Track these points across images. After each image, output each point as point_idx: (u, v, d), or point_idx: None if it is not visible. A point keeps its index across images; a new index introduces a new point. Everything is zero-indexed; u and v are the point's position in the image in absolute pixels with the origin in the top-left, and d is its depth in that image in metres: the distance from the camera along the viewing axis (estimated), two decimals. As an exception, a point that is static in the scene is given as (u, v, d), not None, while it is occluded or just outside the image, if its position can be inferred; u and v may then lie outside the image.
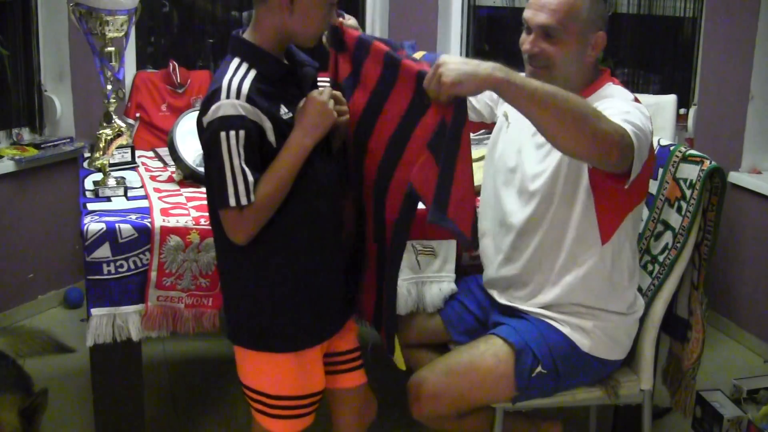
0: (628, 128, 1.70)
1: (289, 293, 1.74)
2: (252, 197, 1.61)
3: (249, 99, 1.61)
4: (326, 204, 1.77)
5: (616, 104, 1.82)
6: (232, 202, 1.61)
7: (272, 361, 1.77)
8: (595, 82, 1.96)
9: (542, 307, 1.99)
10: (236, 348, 1.81)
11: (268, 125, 1.64)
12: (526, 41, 1.91)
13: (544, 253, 1.96)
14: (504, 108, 2.12)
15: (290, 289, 1.74)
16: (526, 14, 1.91)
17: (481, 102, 2.20)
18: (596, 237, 1.91)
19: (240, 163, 1.60)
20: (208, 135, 1.62)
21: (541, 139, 1.77)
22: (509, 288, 2.04)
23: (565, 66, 1.90)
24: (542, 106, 1.61)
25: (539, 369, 1.94)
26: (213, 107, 1.61)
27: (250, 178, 1.61)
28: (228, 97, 1.60)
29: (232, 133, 1.59)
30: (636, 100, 1.92)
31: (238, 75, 1.64)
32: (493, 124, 2.19)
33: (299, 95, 1.72)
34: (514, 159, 2.01)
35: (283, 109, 1.68)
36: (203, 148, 1.67)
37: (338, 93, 1.78)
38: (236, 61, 1.67)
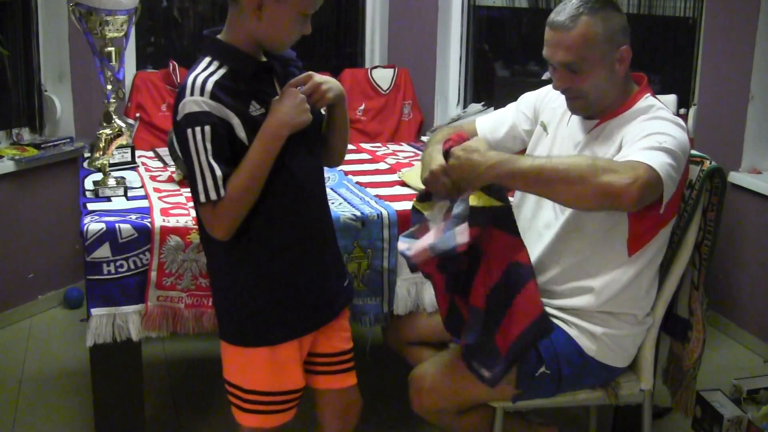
0: (652, 159, 1.72)
1: (267, 289, 1.74)
2: (222, 192, 1.62)
3: (213, 95, 1.61)
4: (304, 200, 1.77)
5: (645, 128, 1.82)
6: (203, 198, 1.62)
7: (248, 356, 1.77)
8: (633, 95, 1.95)
9: (553, 308, 1.99)
10: (220, 341, 1.82)
11: (236, 121, 1.63)
12: (554, 78, 1.93)
13: (570, 265, 1.96)
14: (542, 118, 2.12)
15: (268, 285, 1.74)
16: (545, 53, 1.91)
17: (520, 127, 2.17)
18: (623, 249, 1.91)
19: (207, 158, 1.60)
20: (178, 134, 1.64)
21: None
22: None
23: (598, 91, 1.90)
24: (537, 183, 1.75)
25: (542, 369, 1.94)
26: (179, 106, 1.62)
27: (218, 173, 1.61)
28: (192, 94, 1.61)
29: (198, 129, 1.59)
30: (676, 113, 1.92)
31: (204, 73, 1.63)
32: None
33: (275, 92, 1.71)
34: None
35: (254, 106, 1.67)
36: (178, 146, 1.68)
37: (317, 84, 1.74)
38: (207, 59, 1.67)
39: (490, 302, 1.83)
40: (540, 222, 2.02)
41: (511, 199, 2.08)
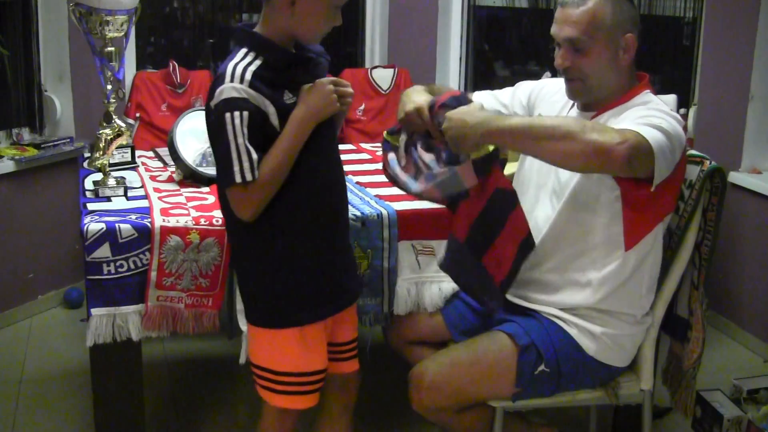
0: (644, 130, 1.72)
1: (293, 271, 1.81)
2: (256, 173, 1.69)
3: (251, 85, 1.68)
4: (327, 186, 1.85)
5: (640, 112, 1.83)
6: (238, 178, 1.68)
7: (278, 338, 1.84)
8: (633, 89, 1.95)
9: (554, 307, 1.99)
10: (248, 326, 1.89)
11: (271, 110, 1.71)
12: (557, 57, 1.93)
13: (567, 256, 1.97)
14: (539, 111, 2.13)
15: (294, 267, 1.81)
16: (553, 30, 1.92)
17: (513, 109, 2.19)
18: (620, 243, 1.92)
19: (244, 142, 1.68)
20: (214, 117, 1.70)
21: None
22: (524, 287, 2.04)
23: (598, 75, 1.91)
24: (525, 139, 1.75)
25: (542, 367, 1.95)
26: (218, 91, 1.69)
27: (254, 155, 1.69)
28: (232, 81, 1.68)
29: (237, 113, 1.67)
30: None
31: (243, 62, 1.71)
32: None
33: (306, 82, 1.78)
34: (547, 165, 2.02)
35: (287, 95, 1.75)
36: (209, 131, 1.75)
37: (349, 94, 1.83)
38: (243, 50, 1.74)
39: (473, 232, 1.89)
40: (539, 214, 2.02)
41: None
